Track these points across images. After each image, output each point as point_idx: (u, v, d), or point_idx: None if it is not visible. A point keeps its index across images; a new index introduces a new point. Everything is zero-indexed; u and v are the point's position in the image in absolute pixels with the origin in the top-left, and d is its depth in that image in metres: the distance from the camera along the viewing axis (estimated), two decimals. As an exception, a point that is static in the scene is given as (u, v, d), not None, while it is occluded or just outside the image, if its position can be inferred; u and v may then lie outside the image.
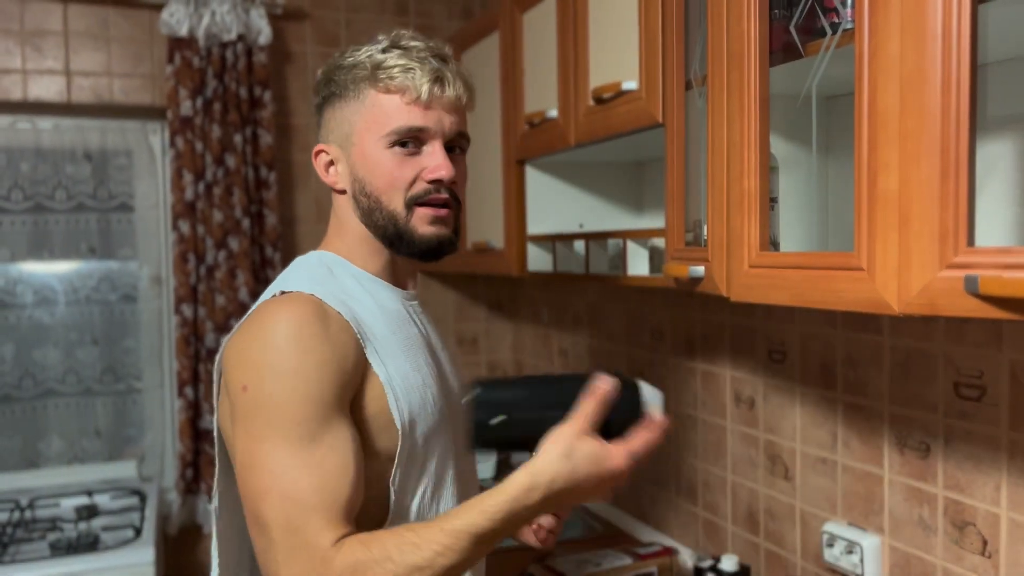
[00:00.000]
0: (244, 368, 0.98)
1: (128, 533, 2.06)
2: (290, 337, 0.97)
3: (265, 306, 1.02)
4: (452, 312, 2.86)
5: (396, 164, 1.06)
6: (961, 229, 0.78)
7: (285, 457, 0.94)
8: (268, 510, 0.94)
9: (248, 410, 0.97)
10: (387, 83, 1.05)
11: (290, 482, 0.94)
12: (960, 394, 1.22)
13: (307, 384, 0.95)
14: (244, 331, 1.01)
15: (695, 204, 1.34)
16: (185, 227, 2.38)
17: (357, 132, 1.07)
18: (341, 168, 1.11)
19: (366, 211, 1.09)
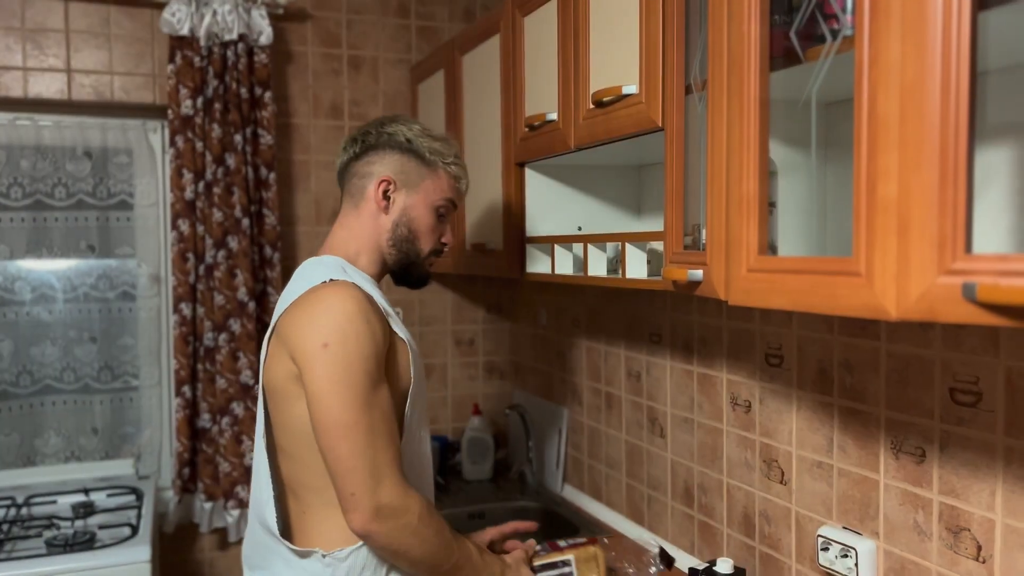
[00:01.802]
0: (322, 330, 1.28)
1: (125, 531, 2.06)
2: (355, 311, 1.29)
3: (323, 289, 1.33)
4: (450, 313, 2.87)
5: (436, 223, 1.51)
6: (959, 236, 0.79)
7: (363, 396, 1.27)
8: (357, 437, 1.26)
9: (330, 363, 1.27)
10: (453, 171, 1.52)
11: (370, 416, 1.27)
12: (956, 400, 1.23)
13: (369, 346, 1.29)
14: (307, 306, 1.32)
15: (694, 208, 1.34)
16: (184, 226, 2.39)
17: (424, 188, 1.48)
18: (396, 199, 1.47)
19: (401, 239, 1.47)
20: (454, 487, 2.56)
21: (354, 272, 1.42)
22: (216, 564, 2.58)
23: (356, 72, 2.71)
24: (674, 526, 1.94)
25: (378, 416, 1.28)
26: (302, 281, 1.39)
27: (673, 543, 1.94)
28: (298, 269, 1.47)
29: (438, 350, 2.86)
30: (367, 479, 1.25)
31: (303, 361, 1.29)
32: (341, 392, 1.26)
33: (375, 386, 1.29)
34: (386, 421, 1.30)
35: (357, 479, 1.26)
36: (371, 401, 1.28)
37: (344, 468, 1.26)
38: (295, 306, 1.34)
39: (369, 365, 1.28)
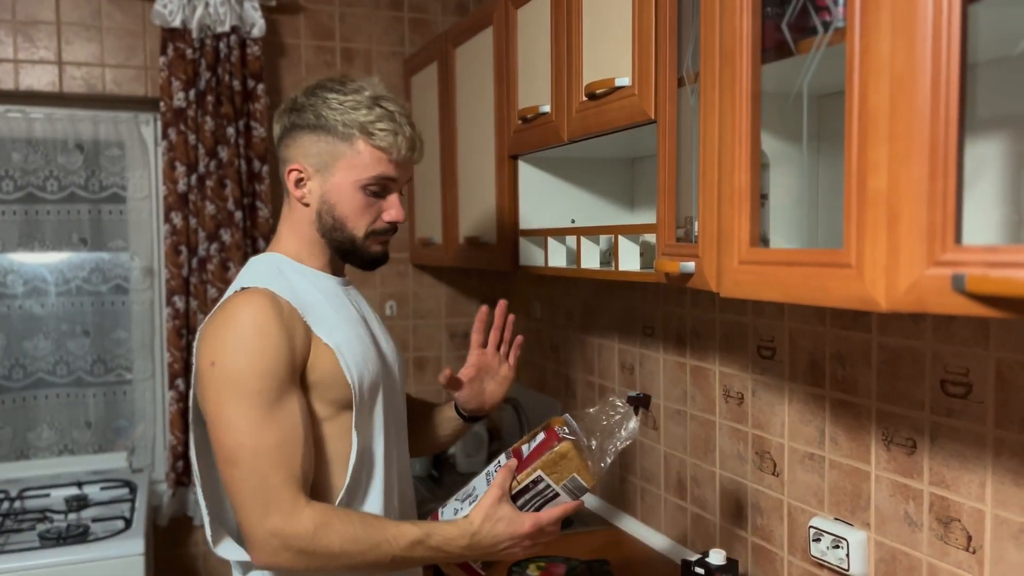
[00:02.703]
0: (213, 347, 1.20)
1: (118, 524, 2.06)
2: (250, 324, 1.20)
3: (230, 300, 1.25)
4: (444, 307, 2.87)
5: (365, 204, 1.31)
6: (949, 227, 0.79)
7: (252, 418, 1.17)
8: (241, 463, 1.17)
9: (217, 381, 1.19)
10: (376, 141, 1.28)
11: (257, 439, 1.17)
12: (947, 391, 1.24)
13: (264, 361, 1.18)
14: (213, 319, 1.24)
15: (686, 200, 1.35)
16: (177, 219, 2.38)
17: (339, 168, 1.29)
18: (312, 187, 1.31)
19: (328, 228, 1.32)
20: (448, 480, 2.57)
21: (293, 271, 1.32)
22: (210, 557, 2.58)
23: (349, 65, 2.70)
24: (667, 518, 1.95)
25: (270, 438, 1.17)
26: (229, 288, 1.32)
27: (665, 534, 1.95)
28: (244, 268, 1.38)
29: (432, 343, 2.86)
30: (252, 509, 1.17)
31: (198, 381, 1.23)
32: (225, 414, 1.17)
33: (271, 405, 1.18)
34: (285, 441, 1.18)
35: (243, 510, 1.18)
36: (261, 422, 1.17)
37: (231, 498, 1.19)
38: (208, 320, 1.26)
39: (264, 383, 1.17)
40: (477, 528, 1.25)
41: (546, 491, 1.27)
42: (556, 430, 1.28)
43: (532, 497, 1.27)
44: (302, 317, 1.25)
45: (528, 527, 1.26)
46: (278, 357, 1.19)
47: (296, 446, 1.19)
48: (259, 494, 1.16)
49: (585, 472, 1.26)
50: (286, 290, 1.26)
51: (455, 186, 2.29)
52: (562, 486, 1.26)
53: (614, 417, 1.31)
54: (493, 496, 1.26)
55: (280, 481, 1.17)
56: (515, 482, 1.27)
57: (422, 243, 2.59)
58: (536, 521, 1.27)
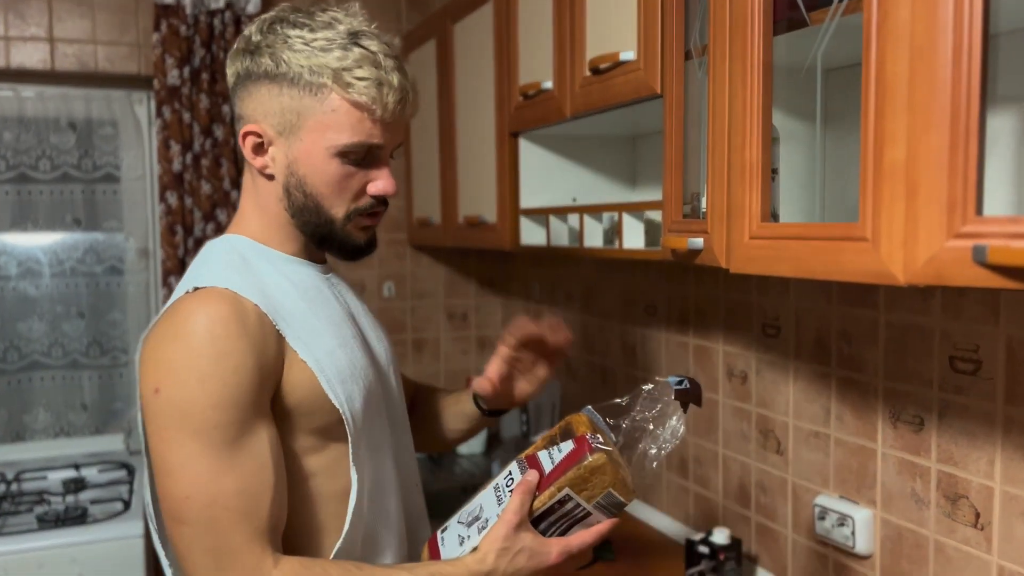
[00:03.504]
0: (157, 369, 0.94)
1: (117, 506, 2.05)
2: (205, 340, 0.93)
3: (179, 304, 0.97)
4: (442, 287, 2.85)
5: (344, 175, 1.03)
6: (970, 199, 0.77)
7: (205, 462, 0.92)
8: (192, 519, 0.93)
9: (162, 414, 0.93)
10: (355, 95, 0.99)
11: (213, 487, 0.92)
12: (956, 368, 1.23)
13: (224, 388, 0.93)
14: (159, 330, 0.97)
15: (693, 176, 1.33)
16: (172, 199, 2.35)
17: (308, 129, 1.01)
18: (276, 155, 1.04)
19: (299, 207, 1.05)
20: (447, 461, 2.56)
21: (261, 259, 1.06)
22: (209, 539, 2.57)
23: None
24: (669, 498, 1.94)
25: (230, 485, 0.92)
26: (179, 286, 1.05)
27: (668, 514, 1.94)
28: (196, 257, 1.11)
29: (430, 325, 2.85)
30: (205, 574, 0.93)
31: (142, 410, 0.97)
32: (173, 457, 0.93)
33: (231, 443, 0.93)
34: (249, 488, 0.94)
35: (194, 573, 0.94)
36: (219, 465, 0.92)
37: (180, 560, 0.95)
38: (152, 329, 0.99)
39: (222, 416, 0.92)
40: (492, 565, 0.98)
41: (575, 511, 1.01)
42: (588, 439, 1.02)
43: (558, 519, 1.01)
44: (273, 324, 0.99)
45: (555, 557, 1.00)
46: (240, 382, 0.93)
47: (264, 492, 0.95)
48: (215, 557, 0.92)
49: (622, 486, 1.00)
50: (252, 287, 1.00)
51: (454, 165, 2.27)
52: (595, 504, 1.00)
53: (652, 411, 1.06)
54: (509, 524, 0.98)
55: (242, 540, 0.93)
56: (535, 503, 1.01)
57: (420, 223, 2.57)
58: (565, 549, 1.01)
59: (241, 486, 0.93)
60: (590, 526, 1.02)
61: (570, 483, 0.99)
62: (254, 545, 0.94)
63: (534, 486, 1.01)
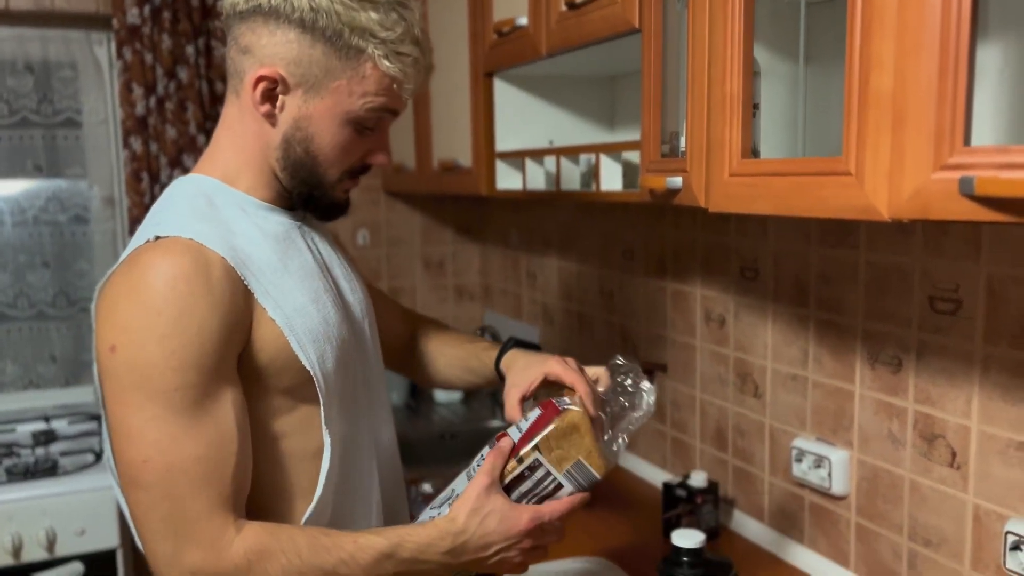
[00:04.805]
0: (113, 327, 0.89)
1: (87, 458, 2.01)
2: (166, 296, 0.88)
3: (138, 255, 0.91)
4: (418, 235, 2.80)
5: (350, 142, 1.00)
6: (958, 128, 0.74)
7: (165, 426, 0.88)
8: (149, 484, 0.88)
9: (118, 374, 0.88)
10: (392, 69, 0.96)
11: (173, 453, 0.88)
12: (935, 308, 1.21)
13: (185, 349, 0.88)
14: (115, 282, 0.91)
15: (672, 115, 1.29)
16: (137, 144, 2.28)
17: (331, 90, 0.96)
18: (288, 105, 0.97)
19: (295, 162, 1.00)
20: (424, 409, 2.55)
21: (229, 204, 0.99)
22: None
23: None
24: (646, 442, 1.94)
25: (190, 450, 0.88)
26: (139, 232, 0.98)
27: (645, 458, 1.94)
28: (159, 199, 1.03)
29: (406, 273, 2.81)
30: (165, 544, 0.88)
31: (97, 367, 0.93)
32: (129, 420, 0.88)
33: (193, 406, 0.88)
34: (211, 454, 0.89)
35: (153, 543, 0.89)
36: (178, 430, 0.87)
37: (137, 523, 0.91)
38: (108, 280, 0.93)
39: (183, 378, 0.87)
40: (462, 526, 0.96)
41: (545, 481, 0.99)
42: (555, 401, 1.02)
43: (528, 492, 1.00)
44: (241, 279, 0.93)
45: (526, 522, 0.97)
46: (203, 343, 0.88)
47: (227, 457, 0.90)
48: (173, 524, 0.88)
49: (595, 455, 0.99)
50: (218, 238, 0.94)
51: (427, 107, 2.21)
52: (565, 473, 0.99)
53: (622, 385, 1.09)
54: (479, 485, 0.97)
55: (202, 508, 0.88)
56: (507, 467, 0.99)
57: (394, 169, 2.51)
58: (536, 515, 0.98)
59: (202, 452, 0.89)
60: None
61: (543, 443, 0.97)
62: (215, 514, 0.90)
63: (507, 450, 1.00)
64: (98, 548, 1.89)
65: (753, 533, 1.58)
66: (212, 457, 0.89)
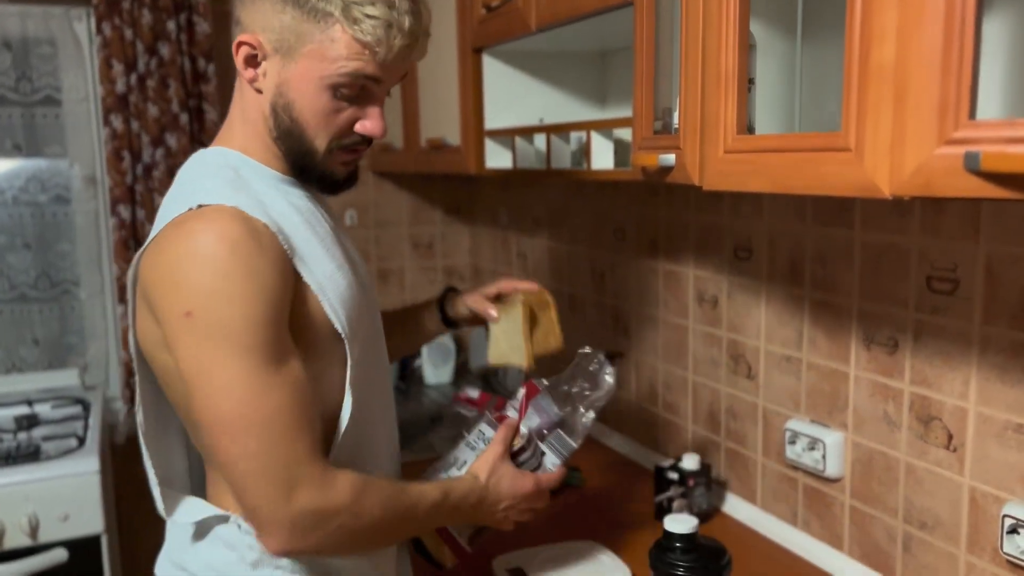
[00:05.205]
0: (183, 293, 0.92)
1: (71, 442, 1.98)
2: (230, 259, 0.91)
3: (187, 222, 0.94)
4: (406, 216, 2.77)
5: (334, 109, 1.00)
6: (963, 101, 0.71)
7: (251, 380, 0.92)
8: (248, 435, 0.92)
9: (198, 336, 0.91)
10: (359, 33, 0.95)
11: (264, 404, 0.92)
12: (932, 288, 1.19)
13: (256, 308, 0.92)
14: (168, 249, 0.94)
15: (665, 91, 1.26)
16: (117, 122, 2.23)
17: (304, 55, 0.97)
18: (268, 71, 1.00)
19: (285, 130, 1.02)
20: (415, 391, 2.52)
21: (254, 173, 1.03)
22: (172, 473, 2.52)
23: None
24: (638, 424, 1.92)
25: (279, 400, 0.92)
26: (171, 198, 1.01)
27: (636, 440, 1.93)
28: (182, 168, 1.07)
29: (395, 254, 2.77)
30: (271, 489, 0.92)
31: (168, 333, 0.94)
32: (220, 379, 0.91)
33: (271, 360, 0.92)
34: (296, 403, 0.94)
35: (258, 491, 0.92)
36: (266, 382, 0.92)
37: (238, 475, 0.93)
38: (154, 247, 0.96)
39: (262, 334, 0.92)
40: (484, 484, 1.12)
41: (536, 451, 1.19)
42: (534, 382, 1.24)
43: (527, 458, 1.19)
44: (283, 245, 0.97)
45: (531, 486, 1.15)
46: (270, 299, 0.93)
47: (308, 404, 0.96)
48: (276, 469, 0.92)
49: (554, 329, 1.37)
50: (256, 207, 0.97)
51: (415, 85, 2.16)
52: (547, 443, 1.20)
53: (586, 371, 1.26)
54: (496, 452, 1.14)
55: (302, 449, 0.94)
56: (515, 441, 1.18)
57: (382, 148, 2.47)
58: (538, 481, 1.17)
59: (288, 401, 0.93)
60: None
61: None
62: (315, 455, 0.95)
63: (516, 423, 1.18)
64: (82, 534, 1.86)
65: (746, 516, 1.57)
66: (297, 404, 0.94)
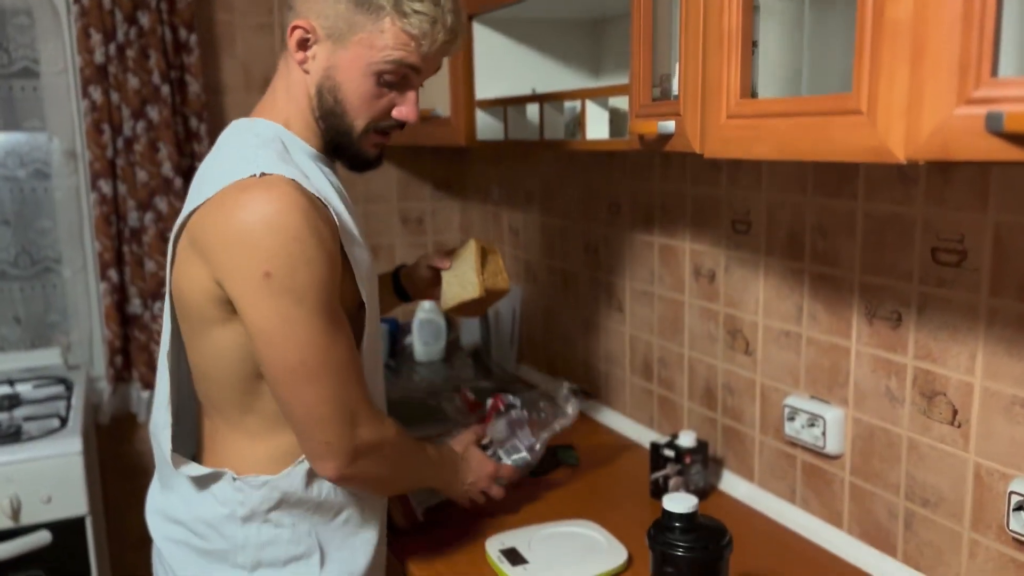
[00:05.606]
0: (261, 254, 1.01)
1: (53, 423, 1.94)
2: (302, 225, 1.02)
3: (254, 188, 1.03)
4: (395, 190, 2.71)
5: (375, 94, 1.12)
6: (985, 57, 0.67)
7: (323, 334, 1.05)
8: (323, 379, 1.06)
9: (276, 296, 1.02)
10: (407, 25, 1.08)
11: (333, 354, 1.06)
12: (938, 260, 1.16)
13: (324, 270, 1.04)
14: (238, 212, 1.02)
15: (663, 57, 1.21)
16: (96, 94, 2.16)
17: (355, 42, 1.09)
18: (319, 54, 1.11)
19: (327, 109, 1.13)
20: (405, 369, 2.49)
21: (297, 148, 1.14)
22: (159, 454, 2.48)
23: (282, -79, 2.44)
24: (632, 401, 1.89)
25: (343, 350, 1.08)
26: (226, 160, 1.10)
27: (631, 417, 1.90)
28: (223, 134, 1.17)
29: (384, 230, 2.72)
30: (343, 425, 1.09)
31: (238, 292, 1.04)
32: (298, 333, 1.04)
33: (335, 315, 1.07)
34: (353, 355, 1.10)
35: (332, 428, 1.08)
36: (334, 336, 1.06)
37: (315, 417, 1.08)
38: (215, 207, 1.05)
39: (326, 294, 1.05)
40: (461, 455, 1.37)
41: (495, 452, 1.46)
42: (501, 396, 1.53)
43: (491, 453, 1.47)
44: (335, 220, 1.09)
45: (492, 467, 1.39)
46: (334, 264, 1.07)
47: (358, 358, 1.13)
48: (345, 409, 1.09)
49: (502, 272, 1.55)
50: (305, 180, 1.07)
51: (404, 55, 2.10)
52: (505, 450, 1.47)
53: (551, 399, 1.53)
54: (470, 438, 1.43)
55: (361, 393, 1.12)
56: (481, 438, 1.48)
57: (370, 121, 2.41)
58: (497, 467, 1.40)
59: (349, 352, 1.09)
60: None
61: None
62: (368, 398, 1.13)
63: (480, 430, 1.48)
64: (66, 516, 1.82)
65: (743, 494, 1.54)
66: (353, 356, 1.11)
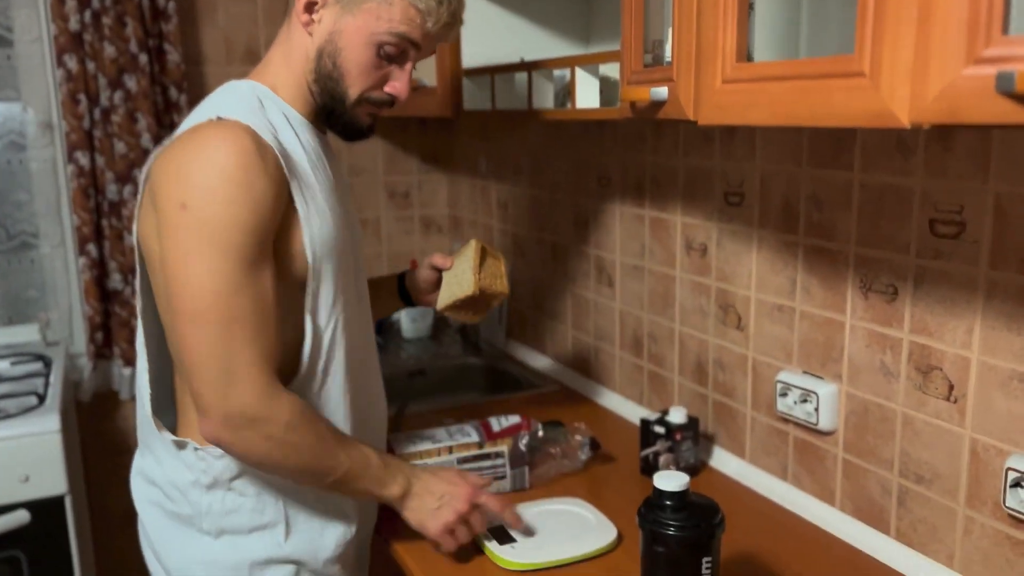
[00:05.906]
0: (184, 187, 1.00)
1: (31, 400, 1.89)
2: (234, 165, 1.00)
3: (204, 129, 1.04)
4: (381, 164, 2.66)
5: (374, 64, 1.12)
6: (996, 13, 0.64)
7: (225, 278, 1.00)
8: (212, 324, 1.00)
9: (186, 229, 1.00)
10: (418, 3, 1.09)
11: (232, 301, 1.01)
12: (936, 232, 1.13)
13: (247, 213, 1.00)
14: (181, 149, 1.03)
15: (656, 22, 1.17)
16: (72, 63, 2.10)
17: (364, 11, 1.09)
18: (326, 17, 1.11)
19: (323, 74, 1.13)
20: (392, 346, 2.45)
21: (273, 107, 1.13)
22: (142, 431, 2.45)
23: None
24: (622, 376, 1.87)
25: (245, 304, 1.01)
26: (196, 112, 1.13)
27: (620, 394, 1.87)
28: (211, 94, 1.18)
29: (370, 203, 2.67)
30: (216, 379, 1.01)
31: (160, 221, 1.03)
32: (199, 271, 1.00)
33: (249, 266, 1.01)
34: (259, 312, 1.03)
35: (205, 378, 1.02)
36: (238, 283, 1.01)
37: (191, 362, 1.02)
38: (169, 149, 1.06)
39: (243, 238, 1.00)
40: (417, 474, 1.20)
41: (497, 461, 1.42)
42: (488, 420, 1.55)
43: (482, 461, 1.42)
44: (284, 169, 1.06)
45: (461, 480, 1.22)
46: (261, 212, 1.02)
47: (269, 320, 1.04)
48: (227, 364, 1.01)
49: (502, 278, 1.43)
50: (269, 133, 1.06)
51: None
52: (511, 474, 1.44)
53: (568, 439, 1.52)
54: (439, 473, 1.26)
55: (255, 355, 1.02)
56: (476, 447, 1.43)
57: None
58: (476, 484, 1.23)
59: (252, 308, 1.02)
60: None
61: None
62: (265, 365, 1.04)
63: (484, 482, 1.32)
64: (44, 495, 1.79)
65: (734, 470, 1.52)
66: (260, 315, 1.03)
